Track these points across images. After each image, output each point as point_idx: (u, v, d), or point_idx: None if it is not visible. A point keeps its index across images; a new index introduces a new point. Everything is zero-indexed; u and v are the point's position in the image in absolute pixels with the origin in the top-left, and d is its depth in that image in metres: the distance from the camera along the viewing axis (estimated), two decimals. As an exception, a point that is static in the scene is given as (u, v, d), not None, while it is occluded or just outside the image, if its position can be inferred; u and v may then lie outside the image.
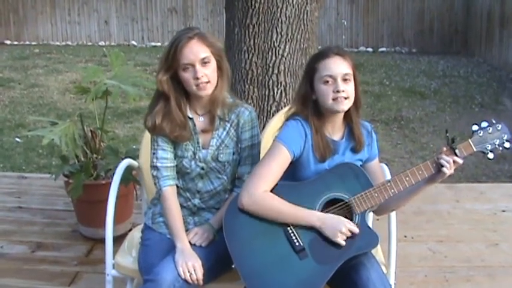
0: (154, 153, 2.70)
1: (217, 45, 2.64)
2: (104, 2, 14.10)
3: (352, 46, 13.82)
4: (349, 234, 2.42)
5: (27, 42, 14.19)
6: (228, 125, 2.70)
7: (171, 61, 2.57)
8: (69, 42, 14.19)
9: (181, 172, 2.72)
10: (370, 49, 13.81)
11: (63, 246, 4.11)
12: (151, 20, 14.14)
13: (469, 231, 4.35)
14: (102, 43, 14.10)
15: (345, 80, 2.51)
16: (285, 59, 3.95)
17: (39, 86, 9.92)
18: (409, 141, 7.48)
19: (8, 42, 14.22)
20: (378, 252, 2.91)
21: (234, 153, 2.71)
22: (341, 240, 2.41)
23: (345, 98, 2.50)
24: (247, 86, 3.99)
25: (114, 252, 2.91)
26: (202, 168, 2.69)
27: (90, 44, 14.13)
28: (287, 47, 3.95)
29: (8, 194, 5.00)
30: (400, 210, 4.51)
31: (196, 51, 2.56)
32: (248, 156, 2.73)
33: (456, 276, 3.76)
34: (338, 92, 2.48)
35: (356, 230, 2.43)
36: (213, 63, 2.60)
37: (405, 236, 4.22)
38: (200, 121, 2.70)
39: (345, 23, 13.41)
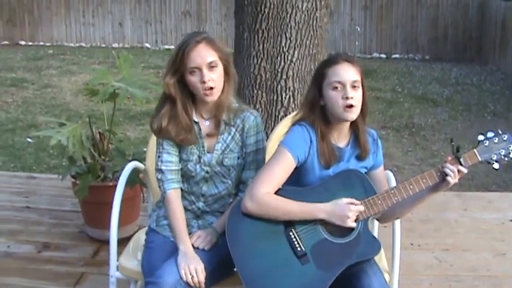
0: (159, 156, 2.72)
1: (225, 50, 2.65)
2: (118, 4, 14.20)
3: (366, 52, 13.82)
4: (356, 215, 2.43)
5: (42, 43, 14.32)
6: (233, 130, 2.70)
7: (179, 64, 2.58)
8: (83, 44, 14.28)
9: (186, 176, 2.73)
10: (383, 55, 13.80)
11: (69, 247, 4.13)
12: (165, 23, 14.21)
13: (476, 240, 4.32)
14: (115, 45, 14.18)
15: (353, 87, 2.51)
16: (294, 64, 3.95)
17: (52, 87, 10.00)
18: (420, 148, 7.46)
19: (23, 42, 14.34)
20: (381, 259, 2.89)
21: (238, 158, 2.72)
22: (351, 223, 2.42)
23: (353, 106, 2.49)
24: (255, 91, 3.99)
25: (120, 254, 2.92)
26: (207, 172, 2.70)
27: (103, 45, 14.22)
28: (296, 52, 3.95)
29: (16, 193, 5.02)
30: (407, 218, 4.52)
31: (203, 55, 2.57)
32: (253, 161, 2.73)
33: (461, 285, 3.74)
34: (347, 98, 2.48)
35: (361, 207, 2.45)
36: (220, 68, 2.61)
37: (411, 244, 4.20)
38: (206, 125, 2.71)
39: (358, 29, 13.40)
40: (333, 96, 2.50)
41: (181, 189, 2.75)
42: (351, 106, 2.49)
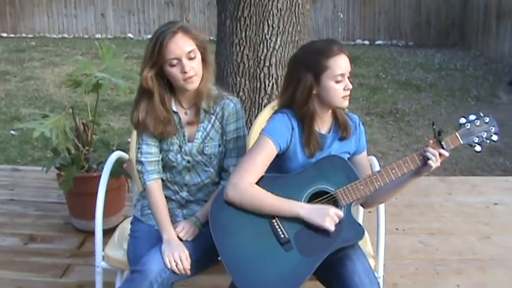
0: (139, 148, 2.72)
1: (201, 37, 2.62)
2: (100, -5, 14.12)
3: (349, 39, 13.81)
4: (336, 219, 2.42)
5: (24, 35, 14.19)
6: (213, 118, 2.70)
7: (157, 57, 2.53)
8: (65, 35, 14.18)
9: (167, 166, 2.73)
10: (366, 42, 13.81)
11: (55, 239, 4.12)
12: (147, 12, 14.14)
13: (461, 224, 4.36)
14: (98, 36, 14.10)
15: (348, 77, 2.54)
16: (277, 51, 3.95)
17: (35, 79, 9.93)
18: (404, 134, 7.49)
19: (5, 34, 14.21)
20: (366, 244, 2.92)
21: (219, 146, 2.71)
22: (330, 225, 2.41)
23: (349, 95, 2.54)
24: (238, 79, 3.99)
25: (106, 244, 2.93)
26: (189, 162, 2.70)
27: (86, 36, 14.12)
28: (278, 39, 3.95)
29: (0, 186, 5.00)
30: (392, 202, 4.55)
31: (181, 45, 2.54)
32: (233, 149, 2.73)
33: (447, 268, 3.77)
34: (349, 89, 2.52)
35: (341, 213, 2.44)
36: (198, 56, 2.59)
37: (397, 229, 4.23)
38: (185, 114, 2.70)
39: (341, 15, 13.39)
40: (337, 88, 2.50)
41: (165, 179, 2.75)
42: (348, 96, 2.53)
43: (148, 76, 2.57)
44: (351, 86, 2.52)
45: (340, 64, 2.50)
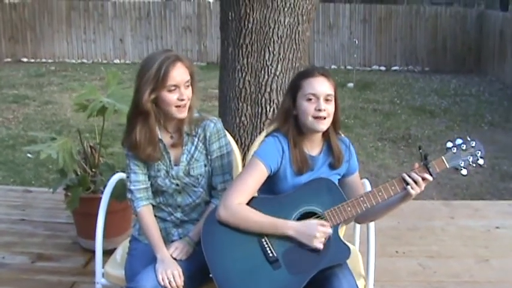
0: (128, 177, 2.84)
1: (193, 68, 2.76)
2: (119, 21, 14.39)
3: (365, 65, 13.95)
4: (324, 236, 2.50)
5: (44, 60, 14.50)
6: (196, 139, 2.80)
7: (161, 82, 2.64)
8: (84, 60, 14.48)
9: (158, 190, 2.84)
10: (383, 68, 13.91)
11: (62, 258, 4.22)
12: (165, 38, 14.39)
13: (460, 248, 4.39)
14: (117, 61, 14.37)
15: (326, 100, 2.62)
16: (277, 77, 4.06)
17: (53, 103, 10.14)
18: (415, 159, 7.45)
19: (25, 59, 14.54)
20: (358, 265, 2.98)
21: (205, 166, 2.82)
22: (318, 244, 2.49)
23: (324, 118, 2.61)
24: (240, 104, 4.10)
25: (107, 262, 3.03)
26: (177, 185, 2.81)
27: (105, 62, 14.40)
28: (279, 66, 4.06)
29: (13, 207, 5.13)
30: (394, 226, 4.61)
31: (182, 73, 2.67)
32: (219, 167, 2.83)
33: (443, 291, 3.82)
34: (319, 110, 2.59)
35: (330, 230, 2.52)
36: (190, 86, 2.72)
37: (397, 252, 4.27)
38: (171, 138, 2.80)
39: (357, 41, 13.51)
40: (306, 107, 2.61)
41: (158, 203, 2.86)
42: (321, 118, 2.60)
43: (150, 99, 2.68)
44: (322, 107, 2.59)
45: (313, 84, 2.62)
